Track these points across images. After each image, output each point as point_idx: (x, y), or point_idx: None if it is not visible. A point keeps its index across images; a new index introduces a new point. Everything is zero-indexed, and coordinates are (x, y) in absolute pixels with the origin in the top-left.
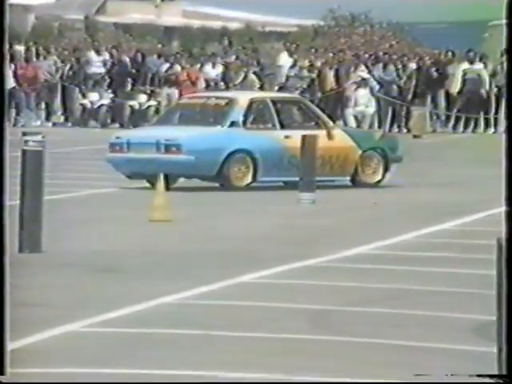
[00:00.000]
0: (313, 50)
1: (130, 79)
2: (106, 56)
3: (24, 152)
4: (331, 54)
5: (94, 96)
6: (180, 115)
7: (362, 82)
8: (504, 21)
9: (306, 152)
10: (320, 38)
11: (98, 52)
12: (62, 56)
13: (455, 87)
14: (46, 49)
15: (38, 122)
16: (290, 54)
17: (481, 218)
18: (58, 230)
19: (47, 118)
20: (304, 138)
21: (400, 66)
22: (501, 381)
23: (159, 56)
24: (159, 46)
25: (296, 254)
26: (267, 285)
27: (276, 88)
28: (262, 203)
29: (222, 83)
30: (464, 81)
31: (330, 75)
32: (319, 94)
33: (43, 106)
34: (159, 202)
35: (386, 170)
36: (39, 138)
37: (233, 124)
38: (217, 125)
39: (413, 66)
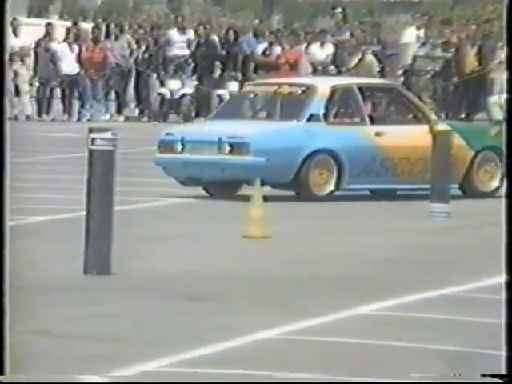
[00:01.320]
0: (450, 23)
1: (218, 63)
2: (191, 35)
3: (91, 152)
4: (474, 27)
5: (174, 84)
6: (245, 107)
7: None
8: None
9: (438, 152)
10: (460, 7)
11: (181, 30)
12: (138, 35)
13: None
14: (119, 27)
15: (108, 116)
16: (420, 29)
17: None
18: (132, 247)
19: (118, 111)
20: (435, 134)
21: None
22: (501, 380)
23: (255, 34)
24: (256, 21)
25: (426, 281)
26: (390, 318)
27: (400, 72)
28: (380, 217)
29: (331, 67)
30: None
31: (471, 54)
32: (455, 79)
33: (113, 96)
34: (256, 215)
35: (503, 175)
36: (109, 135)
37: (312, 118)
38: (292, 119)
39: None
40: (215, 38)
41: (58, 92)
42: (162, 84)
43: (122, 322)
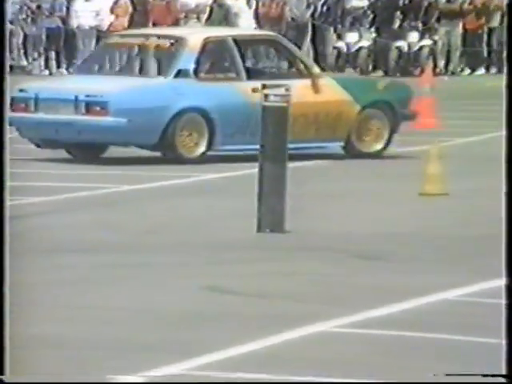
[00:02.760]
0: None
1: (399, 13)
2: None
3: (264, 108)
4: None
5: (352, 37)
6: (107, 61)
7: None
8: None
9: None
10: None
11: None
12: None
13: None
14: None
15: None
16: None
17: None
18: (305, 205)
19: None
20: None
21: None
22: (501, 380)
23: None
24: None
25: None
26: None
27: None
28: None
29: None
30: None
31: None
32: None
33: None
34: (433, 172)
35: (391, 133)
36: (282, 91)
37: (180, 73)
38: (158, 75)
39: None
40: None
41: None
42: (339, 37)
43: (297, 280)
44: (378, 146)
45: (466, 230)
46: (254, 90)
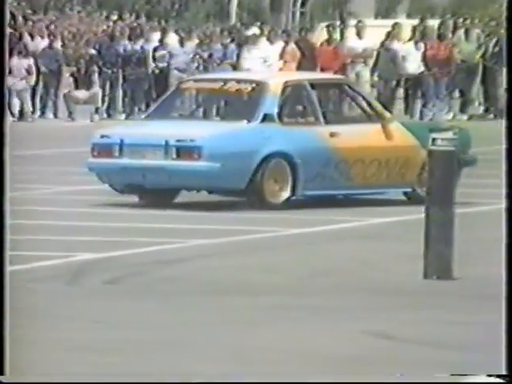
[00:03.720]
0: None
1: None
2: None
3: (431, 152)
4: None
5: None
6: (186, 105)
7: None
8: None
9: None
10: None
11: None
12: (489, 28)
13: None
14: (468, 21)
15: (450, 115)
16: None
17: None
18: (475, 251)
19: (462, 110)
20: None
21: None
22: (501, 380)
23: None
24: None
25: None
26: None
27: None
28: None
29: None
30: None
31: None
32: None
33: (457, 94)
34: None
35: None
36: (450, 135)
37: (266, 118)
38: (243, 119)
39: None
40: None
41: (400, 91)
42: None
43: (464, 329)
44: None
45: None
46: (332, 135)
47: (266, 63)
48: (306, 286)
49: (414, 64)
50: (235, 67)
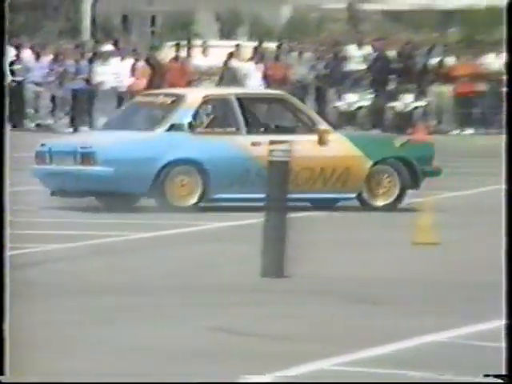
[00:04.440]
0: None
1: (394, 76)
2: (369, 50)
3: (269, 163)
4: None
5: (351, 97)
6: (123, 117)
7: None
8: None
9: None
10: None
11: (359, 45)
12: (318, 52)
13: None
14: (301, 44)
15: None
16: None
17: None
18: (307, 252)
19: None
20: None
21: None
22: (501, 380)
23: (431, 47)
24: (433, 35)
25: None
26: None
27: None
28: None
29: (505, 76)
30: None
31: None
32: None
33: None
34: (425, 222)
35: (404, 188)
36: (286, 147)
37: (173, 127)
38: (154, 128)
39: None
40: (392, 52)
41: None
42: (339, 97)
43: (296, 322)
44: (389, 200)
45: (456, 277)
46: (254, 144)
47: (118, 79)
48: (153, 287)
49: (254, 82)
50: (88, 81)
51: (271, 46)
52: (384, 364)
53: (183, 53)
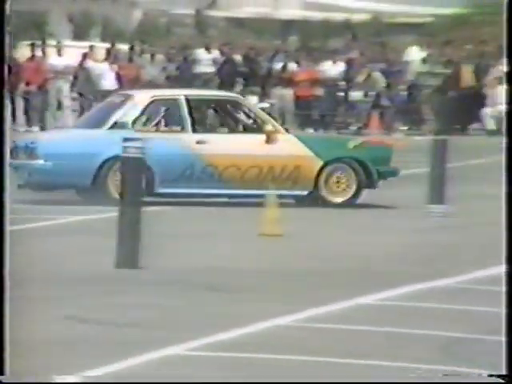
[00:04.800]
0: (450, 43)
1: (240, 79)
2: (217, 54)
3: (123, 159)
4: (471, 47)
5: None
6: (88, 116)
7: (505, 78)
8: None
9: (434, 159)
10: (459, 29)
11: (207, 49)
12: (169, 55)
13: None
14: (152, 47)
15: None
16: (423, 48)
17: None
18: (158, 244)
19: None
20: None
21: None
22: (501, 380)
23: (275, 53)
24: (275, 42)
25: (421, 274)
26: (389, 307)
27: (403, 87)
28: (380, 218)
29: (342, 82)
30: None
31: (468, 70)
32: (453, 93)
33: None
34: (270, 216)
35: (360, 187)
36: (139, 143)
37: (116, 125)
38: (100, 126)
39: None
40: (238, 56)
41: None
42: None
43: (148, 310)
44: (344, 197)
45: (299, 265)
46: (199, 142)
47: None
48: (11, 279)
49: (108, 82)
50: None
51: (124, 47)
52: (232, 348)
53: (38, 52)
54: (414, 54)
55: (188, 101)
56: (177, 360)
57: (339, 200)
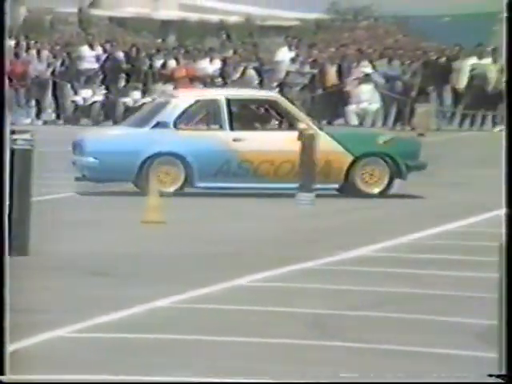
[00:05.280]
0: (315, 45)
1: (123, 75)
2: (100, 51)
3: (12, 151)
4: (333, 49)
5: (86, 93)
6: (135, 116)
7: (365, 78)
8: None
9: (303, 152)
10: (322, 33)
11: (91, 47)
12: (54, 51)
13: (462, 83)
14: (38, 43)
15: (28, 120)
16: (291, 49)
17: (482, 219)
18: (47, 232)
19: (37, 116)
20: (300, 137)
21: (406, 62)
22: (501, 380)
23: (157, 51)
24: (156, 40)
25: (293, 257)
26: (263, 288)
27: (275, 84)
28: (259, 206)
29: (219, 79)
30: (471, 76)
31: (332, 71)
32: (320, 91)
33: (33, 103)
34: (153, 204)
35: (392, 179)
36: (28, 136)
37: (158, 125)
38: (143, 126)
39: (418, 61)
40: (120, 53)
41: None
42: (76, 93)
43: (35, 294)
44: (378, 189)
45: (178, 250)
46: (235, 140)
47: None
48: None
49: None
50: None
51: (10, 43)
52: (115, 329)
53: None
54: (284, 55)
55: (228, 101)
56: (61, 342)
57: (375, 191)
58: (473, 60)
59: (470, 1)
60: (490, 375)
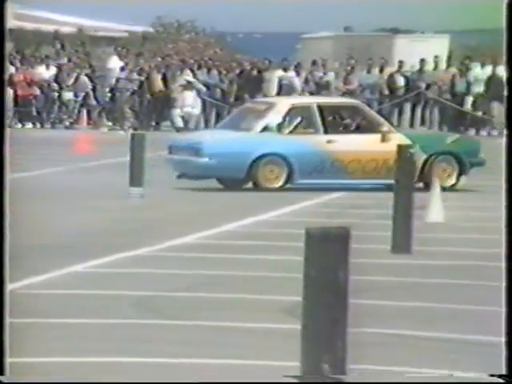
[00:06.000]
0: (142, 55)
1: None
2: None
3: None
4: (159, 59)
5: None
6: (231, 120)
7: (188, 85)
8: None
9: (134, 150)
10: (148, 44)
11: None
12: None
13: (272, 91)
14: None
15: None
16: (121, 58)
17: (295, 209)
18: None
19: None
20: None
21: (223, 72)
22: (501, 380)
23: None
24: None
25: (124, 245)
26: (96, 274)
27: (107, 89)
28: (94, 199)
29: (55, 84)
30: (280, 86)
31: (158, 78)
32: (148, 96)
33: None
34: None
35: (460, 174)
36: None
37: (265, 128)
38: (250, 130)
39: (234, 71)
40: None
41: None
42: None
43: None
44: (450, 183)
45: (18, 240)
46: (329, 142)
47: None
48: None
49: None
50: None
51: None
52: None
53: None
54: (114, 63)
55: (319, 107)
56: None
57: (448, 184)
58: (279, 72)
59: (279, 21)
60: (491, 375)
